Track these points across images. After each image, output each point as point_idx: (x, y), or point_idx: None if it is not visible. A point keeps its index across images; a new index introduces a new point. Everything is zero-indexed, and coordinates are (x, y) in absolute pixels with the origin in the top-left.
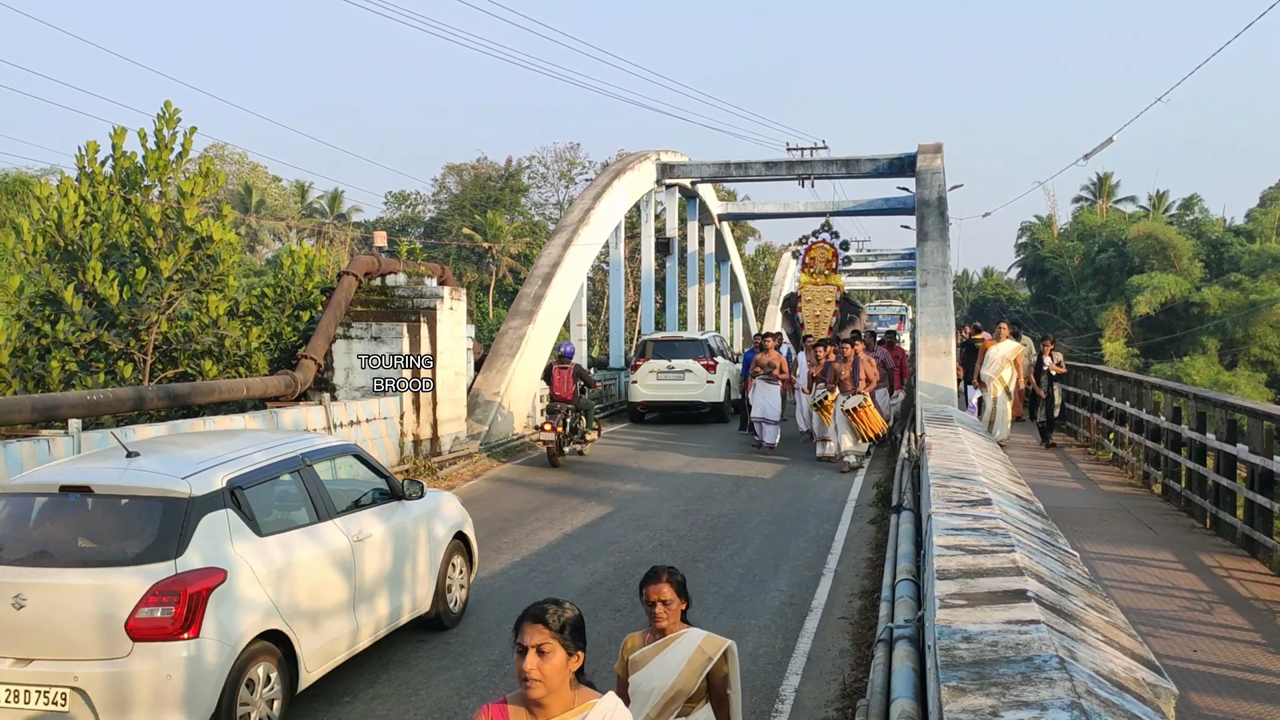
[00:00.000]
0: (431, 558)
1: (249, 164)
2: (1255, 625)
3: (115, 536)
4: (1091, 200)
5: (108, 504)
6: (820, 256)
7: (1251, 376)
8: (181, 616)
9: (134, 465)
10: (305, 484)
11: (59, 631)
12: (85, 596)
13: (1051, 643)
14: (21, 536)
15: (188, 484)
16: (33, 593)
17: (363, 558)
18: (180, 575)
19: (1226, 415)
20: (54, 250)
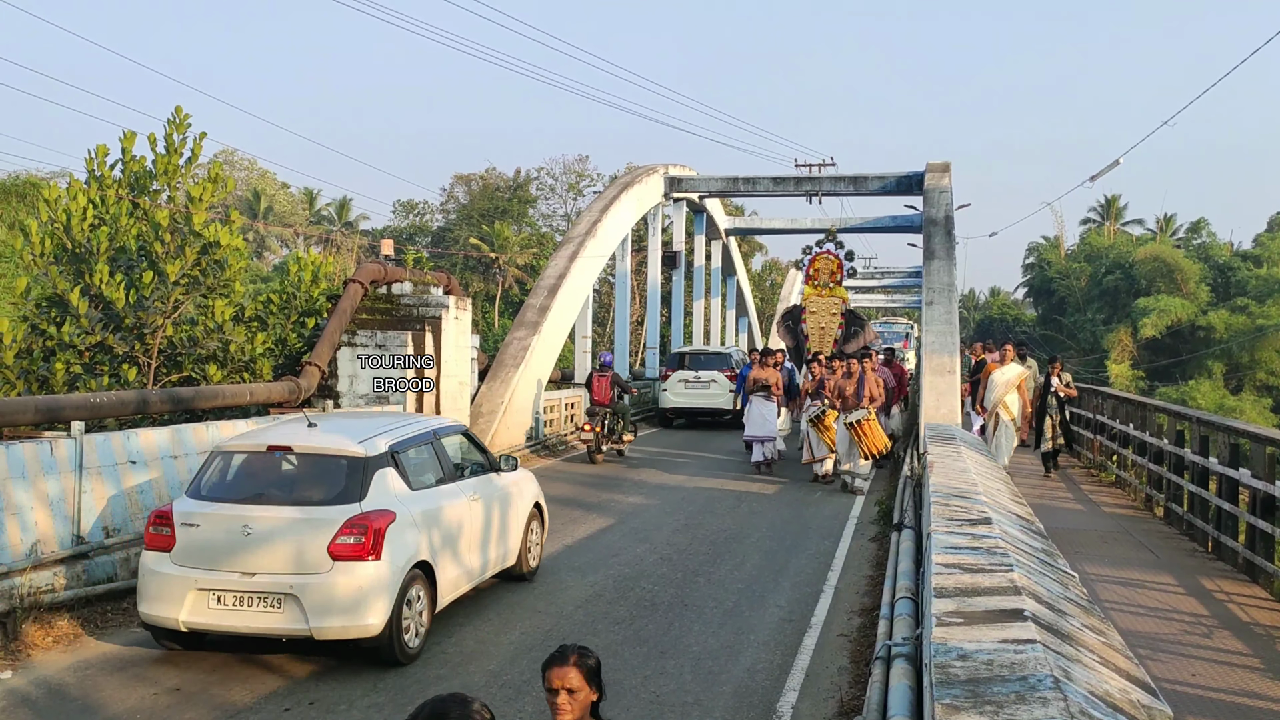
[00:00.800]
0: (518, 521)
1: (258, 170)
2: (1255, 651)
3: (314, 484)
4: (1099, 222)
5: (305, 460)
6: (825, 268)
7: (1257, 401)
8: (368, 544)
9: (317, 433)
10: (436, 453)
11: (277, 552)
12: (296, 527)
13: (1047, 662)
14: (243, 483)
15: (363, 447)
16: (256, 524)
17: (474, 514)
18: (366, 514)
19: (1229, 439)
20: (61, 252)
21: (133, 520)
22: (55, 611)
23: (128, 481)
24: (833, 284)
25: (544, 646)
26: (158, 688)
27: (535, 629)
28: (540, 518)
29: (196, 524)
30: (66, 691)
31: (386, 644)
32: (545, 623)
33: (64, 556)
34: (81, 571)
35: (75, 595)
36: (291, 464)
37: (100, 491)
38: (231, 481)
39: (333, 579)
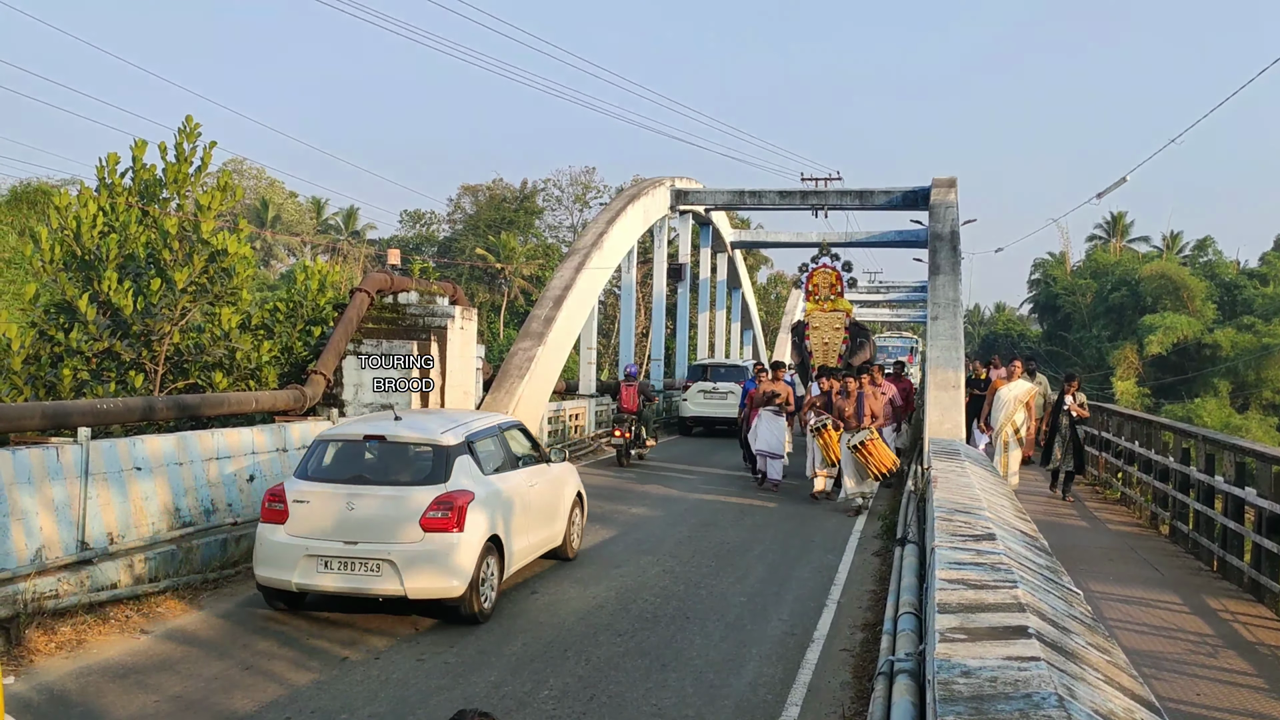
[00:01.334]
0: (564, 507)
1: (266, 179)
2: (1260, 671)
3: (405, 467)
4: (1105, 239)
5: (396, 448)
6: (824, 282)
7: (1263, 420)
8: (454, 519)
9: (403, 426)
10: (500, 444)
11: (376, 524)
12: (393, 503)
13: (1050, 680)
14: (344, 466)
15: (445, 437)
16: (358, 500)
17: (531, 498)
18: (450, 493)
19: (1235, 458)
20: (71, 259)
21: (137, 527)
22: (59, 617)
23: (133, 488)
24: (834, 296)
25: (546, 658)
26: (159, 695)
27: (537, 640)
28: (581, 506)
29: (306, 500)
30: (68, 698)
31: (467, 604)
32: (547, 634)
33: (68, 562)
34: (86, 578)
35: (79, 601)
36: (385, 451)
37: (105, 498)
38: (334, 465)
39: (424, 547)
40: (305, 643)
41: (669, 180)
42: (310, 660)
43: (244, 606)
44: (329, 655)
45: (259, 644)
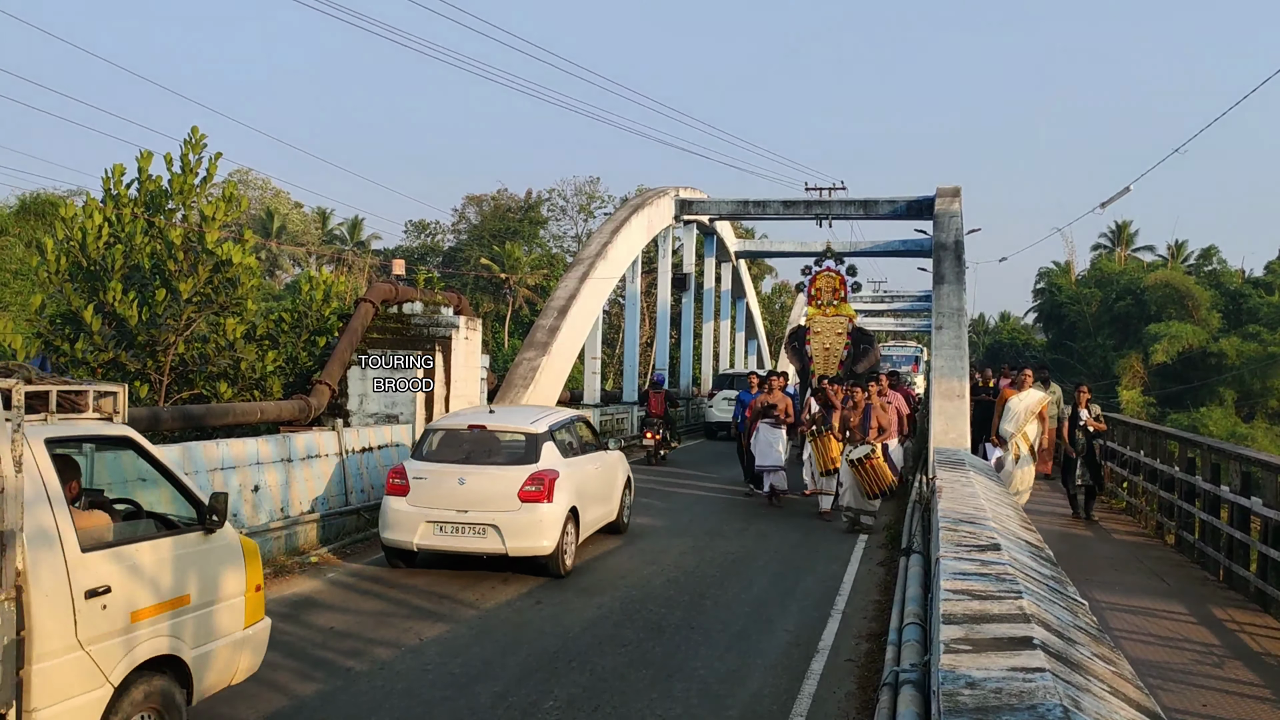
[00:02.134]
0: (618, 487)
1: (272, 189)
2: (1267, 681)
3: (503, 450)
4: (1110, 248)
5: (494, 435)
6: (827, 286)
7: (1269, 429)
8: (545, 492)
9: (498, 417)
10: (573, 433)
11: (482, 496)
12: (495, 479)
13: (1056, 691)
14: (453, 449)
15: (534, 426)
16: (468, 477)
17: (596, 478)
18: (541, 471)
19: (1241, 467)
20: (76, 270)
21: None
22: None
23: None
24: (836, 301)
25: (551, 668)
26: None
27: (542, 650)
28: (629, 487)
29: (424, 477)
30: None
31: (554, 561)
32: (552, 644)
33: None
34: None
35: None
36: (486, 437)
37: None
38: (443, 449)
39: (521, 515)
40: (310, 653)
41: (673, 190)
42: (315, 671)
43: None
44: (334, 666)
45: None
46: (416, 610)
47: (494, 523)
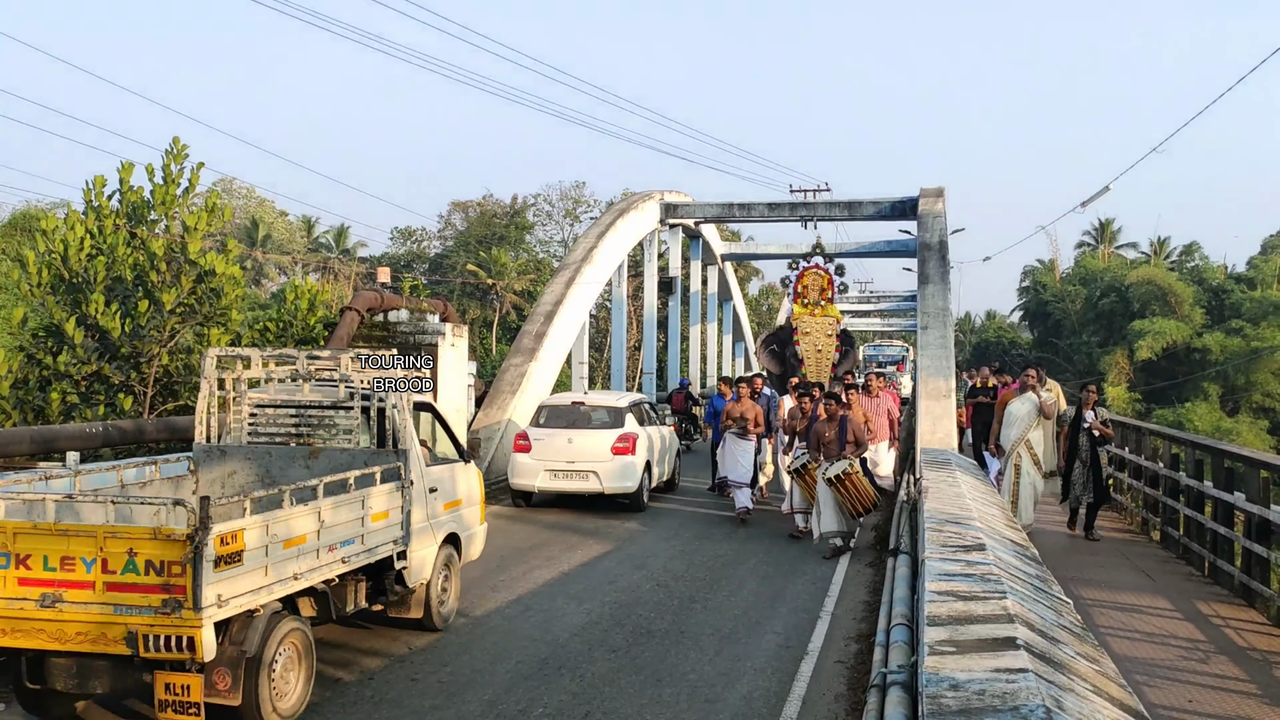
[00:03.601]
0: (670, 454)
1: (256, 198)
2: (1252, 676)
3: (598, 419)
4: (1093, 245)
5: (590, 408)
6: (814, 284)
7: (1254, 424)
8: (630, 447)
9: (591, 397)
10: (643, 410)
11: (585, 451)
12: (594, 438)
13: (1039, 692)
14: (561, 419)
15: (618, 402)
16: (574, 438)
17: (657, 444)
18: (626, 432)
19: (1223, 463)
20: (58, 282)
21: None
22: None
23: None
24: (824, 301)
25: (540, 675)
26: None
27: (531, 657)
28: (679, 455)
29: (541, 439)
30: None
31: (637, 497)
32: (541, 650)
33: None
34: None
35: None
36: (585, 410)
37: None
38: (553, 419)
39: (614, 464)
40: None
41: (658, 194)
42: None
43: None
44: (321, 677)
45: None
46: (405, 619)
47: (594, 470)
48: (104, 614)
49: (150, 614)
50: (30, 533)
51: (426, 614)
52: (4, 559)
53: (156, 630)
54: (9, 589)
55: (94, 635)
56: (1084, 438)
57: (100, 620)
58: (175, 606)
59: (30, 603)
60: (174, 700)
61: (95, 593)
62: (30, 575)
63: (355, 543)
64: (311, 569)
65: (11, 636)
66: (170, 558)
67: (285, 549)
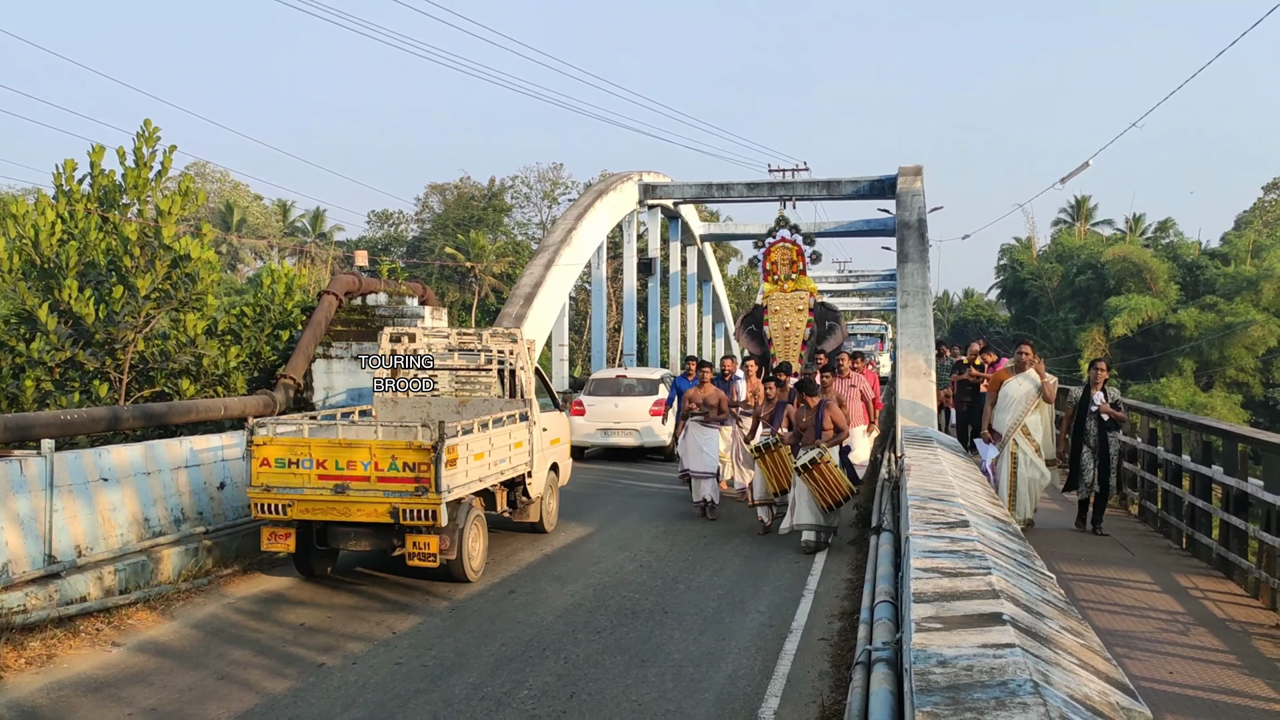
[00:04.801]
0: None
1: (230, 182)
2: (1230, 647)
3: (638, 388)
4: (1070, 222)
5: (631, 380)
6: (782, 259)
7: (1227, 398)
8: (661, 411)
9: (631, 371)
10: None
11: (628, 415)
12: (635, 403)
13: (1026, 667)
14: (607, 389)
15: (653, 374)
16: (620, 403)
17: None
18: (660, 399)
19: (1201, 437)
20: (29, 268)
21: (105, 539)
22: (27, 632)
23: (100, 499)
24: (795, 275)
25: (525, 657)
26: (133, 708)
27: (516, 640)
28: None
29: (593, 404)
30: (39, 713)
31: (669, 450)
32: (525, 633)
33: (36, 576)
34: (54, 591)
35: (48, 615)
36: (627, 381)
37: (72, 510)
38: (602, 389)
39: (650, 424)
40: (281, 650)
41: (637, 175)
42: (286, 668)
43: (217, 616)
44: (305, 662)
45: (233, 653)
46: (389, 604)
47: (635, 428)
48: (376, 497)
49: (407, 496)
50: (325, 445)
51: (540, 519)
52: (309, 463)
53: (411, 506)
54: (313, 482)
55: (369, 510)
56: (1092, 422)
57: (374, 501)
58: (423, 490)
59: (327, 490)
60: (419, 552)
61: (370, 483)
62: (326, 473)
63: (505, 461)
64: (485, 476)
65: (314, 512)
66: (420, 460)
67: (474, 460)
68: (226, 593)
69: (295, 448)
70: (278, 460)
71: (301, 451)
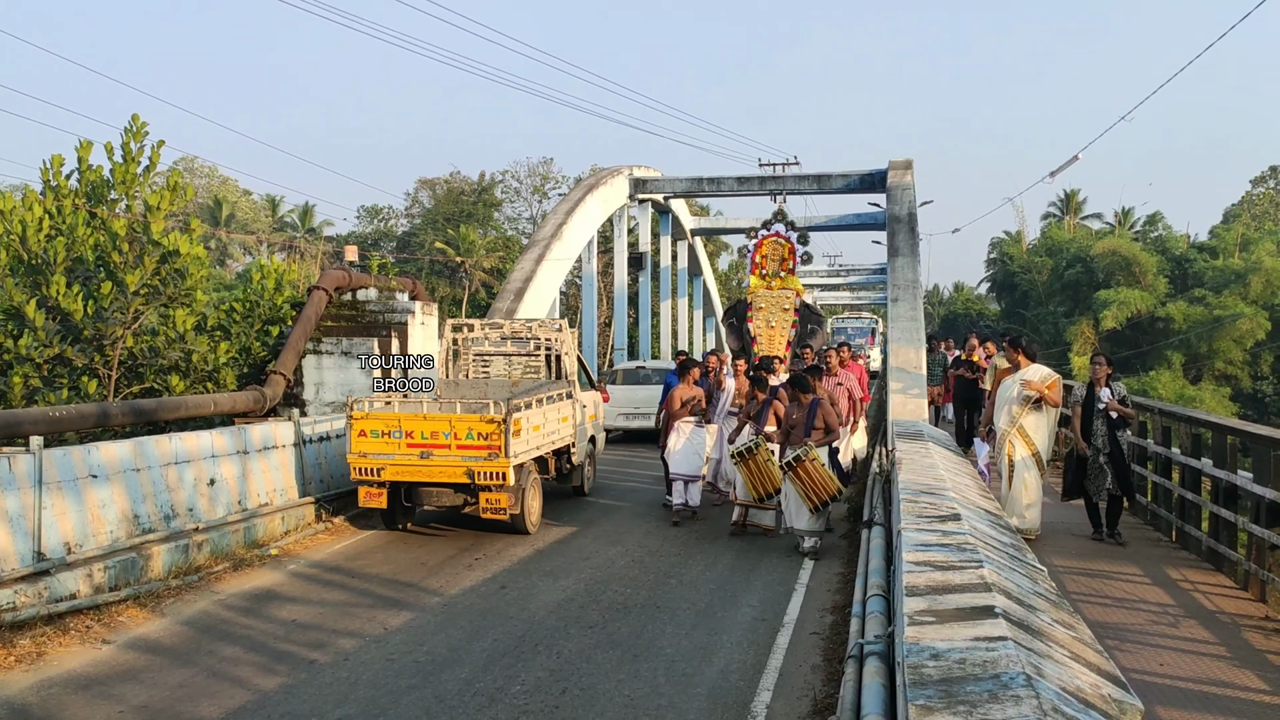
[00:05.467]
0: None
1: (219, 177)
2: (1220, 639)
3: (654, 378)
4: (1059, 216)
5: (648, 370)
6: (774, 254)
7: (1216, 390)
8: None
9: (650, 364)
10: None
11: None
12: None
13: (1018, 660)
14: (630, 378)
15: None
16: (640, 391)
17: None
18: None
19: (1190, 430)
20: (17, 264)
21: (94, 536)
22: (17, 630)
23: (89, 496)
24: (784, 272)
25: (517, 653)
26: (124, 705)
27: (508, 635)
28: None
29: (617, 392)
30: (29, 711)
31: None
32: (517, 629)
33: (25, 574)
34: (43, 589)
35: (38, 613)
36: (645, 371)
37: (61, 507)
38: (626, 379)
39: None
40: (272, 646)
41: (627, 169)
42: (278, 664)
43: (207, 612)
44: (297, 658)
45: (224, 650)
46: (381, 600)
47: (653, 413)
48: (455, 461)
49: (481, 460)
50: (413, 419)
51: (580, 485)
52: (399, 433)
53: (484, 469)
54: (403, 449)
55: (449, 473)
56: (1099, 421)
57: (453, 465)
58: (494, 456)
59: (414, 456)
60: (491, 507)
61: (450, 450)
62: (414, 441)
63: (555, 433)
64: (540, 444)
65: (404, 475)
66: (492, 430)
67: (533, 431)
68: (217, 589)
69: (388, 421)
70: (373, 431)
71: (393, 424)
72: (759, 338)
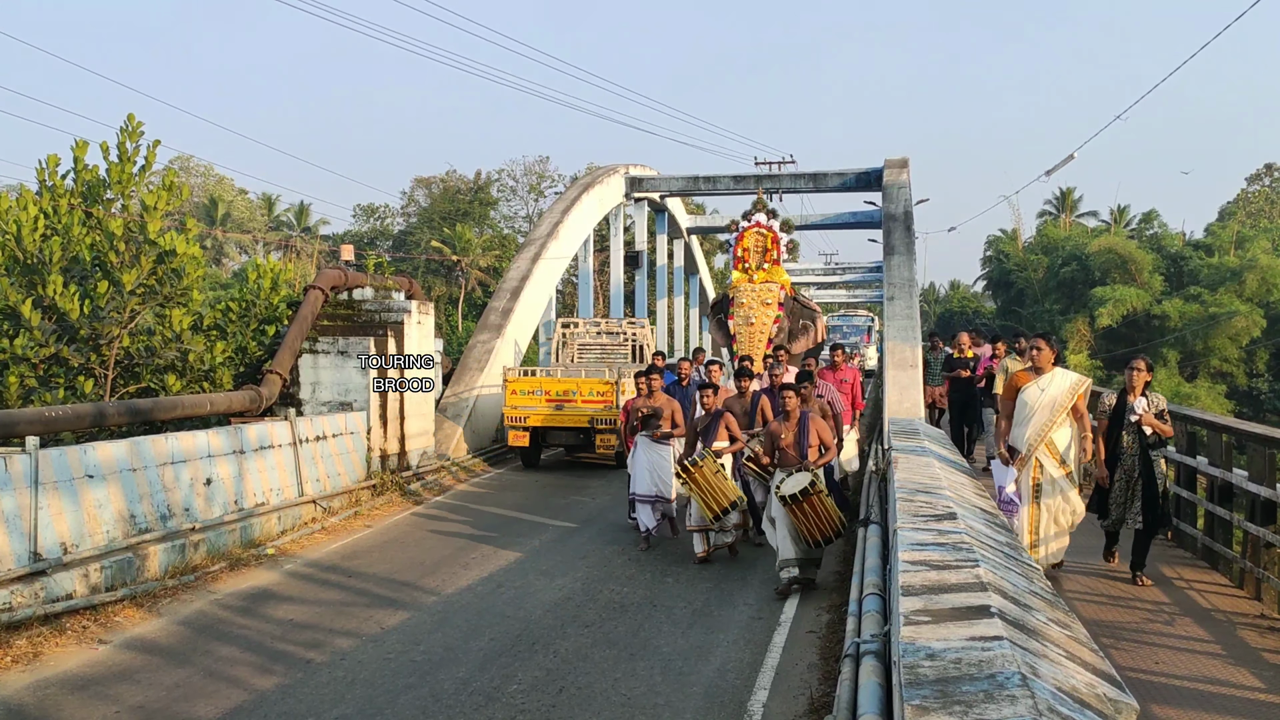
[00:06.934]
0: None
1: (215, 176)
2: (1216, 637)
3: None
4: (1055, 214)
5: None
6: (755, 245)
7: (1211, 388)
8: None
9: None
10: None
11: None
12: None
13: (1014, 659)
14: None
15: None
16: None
17: None
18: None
19: (1185, 428)
20: (13, 264)
21: (91, 536)
22: (13, 630)
23: (85, 496)
24: (767, 264)
25: (514, 651)
26: (120, 705)
27: (504, 634)
28: None
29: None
30: (26, 711)
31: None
32: (514, 628)
33: (21, 574)
34: (40, 589)
35: (34, 613)
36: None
37: (57, 507)
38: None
39: None
40: (269, 646)
41: (623, 168)
42: (274, 664)
43: (204, 612)
44: (294, 658)
45: (221, 650)
46: (377, 599)
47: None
48: (580, 411)
49: (600, 410)
50: (551, 381)
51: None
52: (540, 392)
53: (602, 417)
54: (542, 404)
55: (576, 420)
56: (1130, 436)
57: (579, 414)
58: (609, 408)
59: (551, 408)
60: (603, 445)
61: (577, 404)
62: (550, 397)
63: None
64: None
65: (545, 421)
66: (607, 389)
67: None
68: (213, 589)
69: (532, 383)
70: (521, 390)
71: (535, 385)
72: (738, 335)
